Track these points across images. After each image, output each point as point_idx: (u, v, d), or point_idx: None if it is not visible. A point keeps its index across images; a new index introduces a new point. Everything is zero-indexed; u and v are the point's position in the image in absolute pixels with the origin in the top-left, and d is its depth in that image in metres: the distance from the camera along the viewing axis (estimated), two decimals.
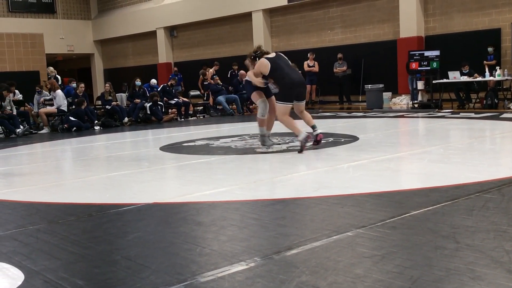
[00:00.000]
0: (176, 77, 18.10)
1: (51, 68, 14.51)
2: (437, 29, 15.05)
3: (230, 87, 15.84)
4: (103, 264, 2.79)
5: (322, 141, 6.81)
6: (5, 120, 11.91)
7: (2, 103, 12.07)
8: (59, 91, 13.44)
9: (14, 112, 12.31)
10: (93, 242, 3.23)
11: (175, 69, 19.14)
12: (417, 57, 13.38)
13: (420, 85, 13.43)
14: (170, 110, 14.70)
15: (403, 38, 15.28)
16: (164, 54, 22.68)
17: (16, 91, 13.40)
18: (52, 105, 13.44)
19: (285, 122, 6.69)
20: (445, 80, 12.85)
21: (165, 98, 14.54)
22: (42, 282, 2.56)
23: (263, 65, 6.71)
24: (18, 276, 2.67)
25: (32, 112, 13.77)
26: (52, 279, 2.60)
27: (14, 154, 8.62)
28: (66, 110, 13.27)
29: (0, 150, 9.24)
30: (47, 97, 13.76)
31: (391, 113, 12.44)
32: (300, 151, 6.41)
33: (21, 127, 12.11)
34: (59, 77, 14.46)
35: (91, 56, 26.84)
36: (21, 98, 13.75)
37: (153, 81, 16.08)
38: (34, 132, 12.56)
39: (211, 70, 16.55)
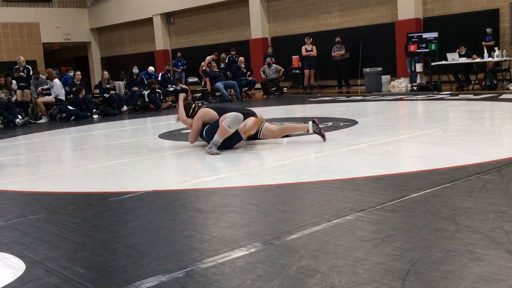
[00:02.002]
0: (179, 63, 18.06)
1: (22, 58, 14.40)
2: (435, 11, 14.95)
3: (228, 73, 15.79)
4: (104, 252, 2.80)
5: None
6: (4, 111, 11.89)
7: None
8: (56, 80, 13.39)
9: (14, 98, 12.28)
10: (93, 230, 3.23)
11: (179, 54, 19.01)
12: (416, 39, 13.31)
13: (419, 67, 13.38)
14: (167, 98, 14.66)
15: (401, 20, 15.19)
16: (161, 41, 22.55)
17: (13, 82, 13.35)
18: (49, 94, 13.40)
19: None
20: (443, 62, 12.80)
21: (169, 85, 14.59)
22: (43, 272, 2.57)
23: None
24: (19, 266, 2.68)
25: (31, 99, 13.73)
26: (54, 268, 2.61)
27: (13, 144, 8.61)
28: (64, 99, 13.23)
29: None
30: (45, 87, 13.71)
31: (390, 96, 12.41)
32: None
33: (19, 117, 12.10)
34: (29, 67, 14.34)
35: (88, 45, 26.69)
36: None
37: (151, 68, 16.02)
38: (32, 121, 12.54)
39: (209, 58, 16.49)
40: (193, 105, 6.46)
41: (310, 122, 6.10)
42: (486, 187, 3.55)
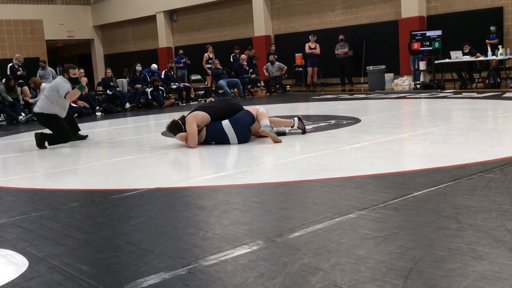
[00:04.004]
0: (183, 60, 18.06)
1: (21, 56, 14.34)
2: (439, 9, 14.91)
3: (232, 72, 15.78)
4: (106, 249, 2.80)
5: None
6: (7, 108, 11.92)
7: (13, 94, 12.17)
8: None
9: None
10: (96, 227, 3.24)
11: (181, 51, 18.98)
12: (419, 37, 13.28)
13: (422, 65, 13.34)
14: (169, 95, 14.68)
15: (405, 18, 15.15)
16: (164, 38, 22.55)
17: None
18: None
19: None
20: (447, 60, 12.77)
21: (172, 83, 14.62)
22: (46, 268, 2.58)
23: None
24: (22, 262, 2.69)
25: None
26: (56, 265, 2.61)
27: (17, 141, 8.63)
28: None
29: (2, 137, 9.26)
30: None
31: (393, 94, 12.39)
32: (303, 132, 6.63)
33: (23, 114, 12.12)
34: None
35: (91, 42, 26.70)
36: None
37: (154, 66, 16.02)
38: (35, 119, 12.55)
39: (206, 55, 16.48)
40: (180, 120, 6.34)
41: (296, 119, 6.58)
42: (489, 185, 3.54)
